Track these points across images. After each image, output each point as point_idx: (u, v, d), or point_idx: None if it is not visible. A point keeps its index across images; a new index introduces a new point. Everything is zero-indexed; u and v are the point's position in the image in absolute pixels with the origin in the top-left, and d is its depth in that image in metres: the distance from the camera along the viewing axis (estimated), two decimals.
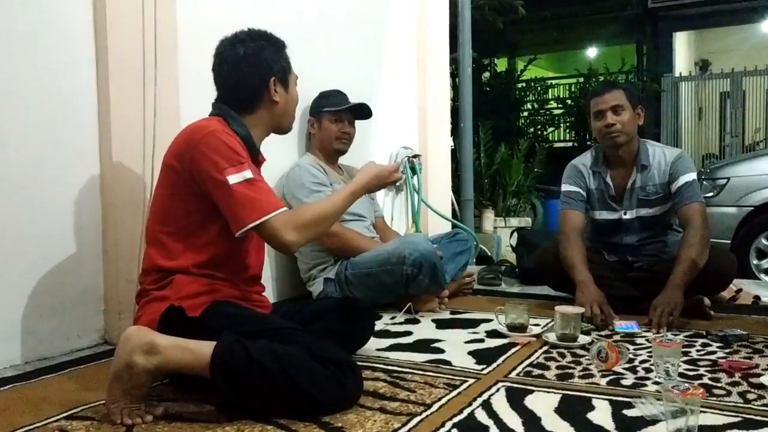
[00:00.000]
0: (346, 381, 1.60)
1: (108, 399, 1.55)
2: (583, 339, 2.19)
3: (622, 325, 2.38)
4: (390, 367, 1.96)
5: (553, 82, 11.33)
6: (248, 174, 1.70)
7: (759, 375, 1.81)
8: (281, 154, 2.91)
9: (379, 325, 2.47)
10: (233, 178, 1.68)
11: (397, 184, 3.89)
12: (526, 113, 10.43)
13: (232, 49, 1.86)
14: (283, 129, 1.99)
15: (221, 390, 1.55)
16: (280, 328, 1.70)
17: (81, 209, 2.22)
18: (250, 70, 1.86)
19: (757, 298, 2.97)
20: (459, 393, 1.72)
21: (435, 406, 1.62)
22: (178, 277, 1.73)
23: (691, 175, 2.65)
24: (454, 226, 4.13)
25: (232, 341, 1.55)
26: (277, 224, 1.70)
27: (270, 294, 2.77)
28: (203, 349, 1.54)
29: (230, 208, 1.69)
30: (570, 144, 9.92)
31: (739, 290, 2.97)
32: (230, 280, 1.81)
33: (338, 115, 2.99)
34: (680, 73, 10.63)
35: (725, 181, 4.88)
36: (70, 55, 2.19)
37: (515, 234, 4.09)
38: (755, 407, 1.59)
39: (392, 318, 2.65)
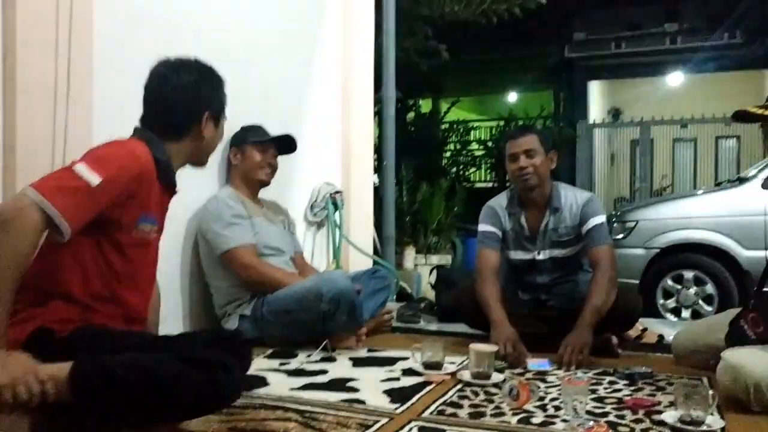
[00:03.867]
0: (218, 379, 1.55)
1: None
2: (496, 377, 2.22)
3: (534, 363, 2.43)
4: (302, 407, 1.91)
5: (475, 124, 11.68)
6: (95, 180, 1.57)
7: (661, 412, 1.87)
8: (200, 185, 2.84)
9: (293, 364, 2.43)
10: (79, 167, 1.58)
11: (319, 220, 3.89)
12: (448, 153, 10.67)
13: (174, 73, 1.84)
14: (201, 162, 2.00)
15: (92, 410, 1.48)
16: (148, 341, 1.68)
17: None
18: (188, 100, 1.85)
19: (660, 336, 3.09)
20: None
21: None
22: (55, 302, 1.65)
23: (600, 218, 2.76)
24: (375, 262, 4.14)
25: (87, 360, 1.48)
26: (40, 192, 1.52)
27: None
28: (63, 373, 1.46)
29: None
30: (490, 185, 10.19)
31: (645, 329, 3.09)
32: (109, 315, 1.73)
33: (264, 146, 2.97)
34: (594, 120, 11.14)
35: (634, 223, 5.11)
36: None
37: (435, 271, 4.13)
38: None
39: (308, 356, 2.60)
